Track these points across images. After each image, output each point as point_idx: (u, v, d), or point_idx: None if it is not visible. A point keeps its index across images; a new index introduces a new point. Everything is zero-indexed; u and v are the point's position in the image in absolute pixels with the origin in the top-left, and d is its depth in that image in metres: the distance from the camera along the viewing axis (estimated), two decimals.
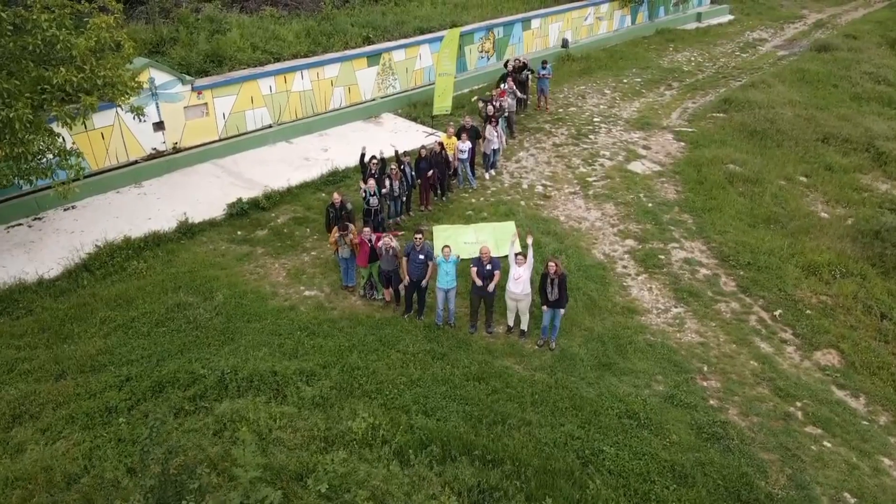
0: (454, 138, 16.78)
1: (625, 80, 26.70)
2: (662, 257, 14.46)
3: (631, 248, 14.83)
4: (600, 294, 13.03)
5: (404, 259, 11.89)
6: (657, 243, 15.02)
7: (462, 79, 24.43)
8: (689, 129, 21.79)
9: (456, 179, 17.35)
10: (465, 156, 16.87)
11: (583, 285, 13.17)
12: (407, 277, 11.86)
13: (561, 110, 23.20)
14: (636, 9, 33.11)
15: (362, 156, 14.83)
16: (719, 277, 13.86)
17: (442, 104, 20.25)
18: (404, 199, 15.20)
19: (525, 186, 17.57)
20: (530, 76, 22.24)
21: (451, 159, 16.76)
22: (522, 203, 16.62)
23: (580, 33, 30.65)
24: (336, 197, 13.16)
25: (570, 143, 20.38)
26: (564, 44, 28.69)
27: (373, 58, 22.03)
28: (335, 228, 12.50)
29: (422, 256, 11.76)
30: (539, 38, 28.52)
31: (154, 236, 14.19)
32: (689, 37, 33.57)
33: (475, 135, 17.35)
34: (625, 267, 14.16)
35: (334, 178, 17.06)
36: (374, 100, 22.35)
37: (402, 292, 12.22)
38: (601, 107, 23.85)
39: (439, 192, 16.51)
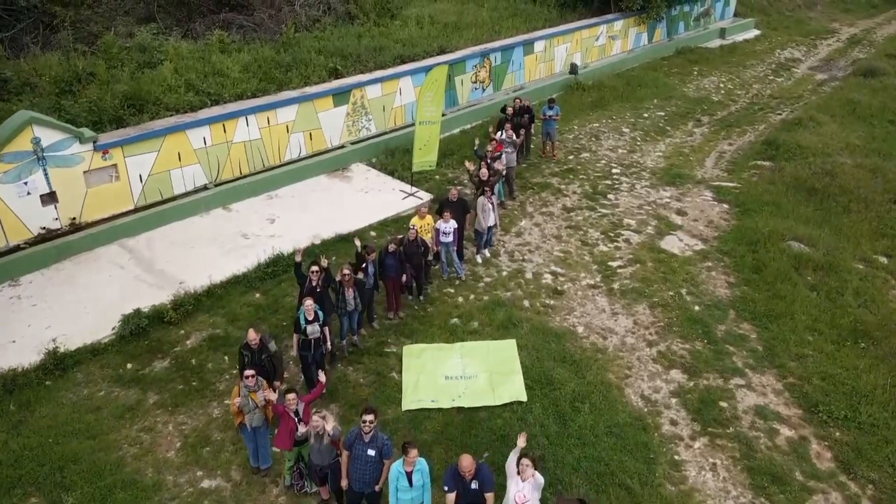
0: (430, 217, 12.64)
1: (645, 115, 22.53)
2: (725, 405, 10.26)
3: (679, 387, 10.63)
4: (643, 481, 8.83)
5: (345, 453, 7.72)
6: (714, 377, 10.82)
7: (451, 116, 20.26)
8: (731, 184, 17.61)
9: (439, 265, 13.21)
10: (450, 238, 12.72)
11: (616, 465, 8.98)
12: (346, 482, 7.70)
13: (571, 157, 19.03)
14: (654, 25, 28.95)
15: (297, 265, 10.58)
16: (808, 444, 9.66)
17: (424, 158, 16.07)
18: (362, 311, 11.03)
19: (529, 275, 13.40)
20: (533, 120, 18.09)
21: (431, 244, 12.64)
22: (526, 303, 12.46)
23: (591, 55, 26.49)
24: (251, 336, 8.97)
25: (585, 206, 16.21)
26: (573, 69, 24.52)
27: (341, 95, 17.86)
28: (237, 386, 8.37)
29: (371, 452, 7.60)
30: (543, 63, 24.35)
31: (7, 378, 10.01)
32: (714, 57, 29.40)
33: (462, 209, 13.21)
34: (674, 423, 9.95)
35: (275, 270, 12.86)
36: (342, 147, 18.19)
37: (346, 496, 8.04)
38: (620, 151, 19.68)
39: (415, 289, 12.38)
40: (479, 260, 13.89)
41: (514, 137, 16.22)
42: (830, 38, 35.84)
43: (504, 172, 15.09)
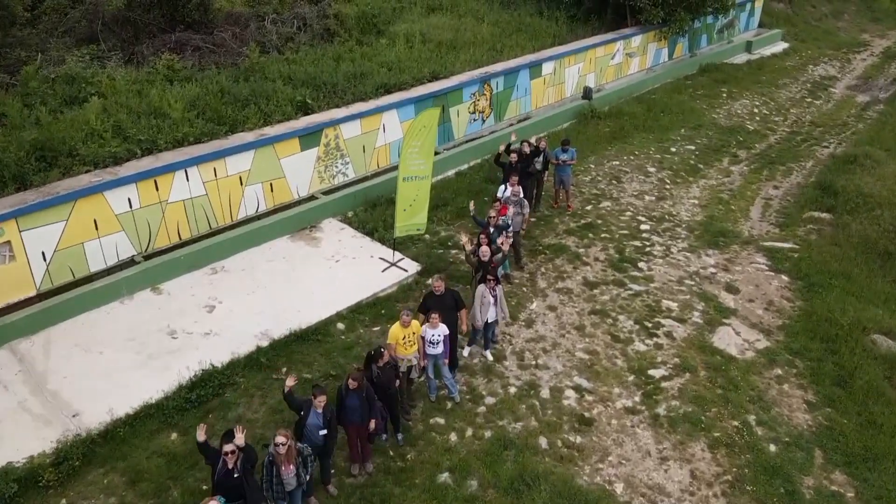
0: (415, 323, 9.40)
1: (673, 149, 19.28)
2: None
3: None
4: None
5: None
6: None
7: (445, 156, 17.01)
8: (787, 246, 14.37)
9: (424, 378, 9.98)
10: (439, 349, 9.49)
11: None
12: None
13: (589, 207, 15.80)
14: (675, 40, 25.71)
15: (225, 435, 7.25)
16: None
17: (410, 221, 12.81)
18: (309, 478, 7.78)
19: (545, 392, 10.16)
20: (544, 163, 14.86)
21: (417, 361, 9.42)
22: (544, 442, 9.22)
23: (606, 75, 23.26)
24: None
25: (611, 280, 12.97)
26: (587, 94, 21.27)
27: (310, 136, 14.64)
28: None
29: None
30: (552, 86, 21.11)
31: None
32: (742, 75, 26.14)
33: (454, 305, 9.98)
34: None
35: (202, 394, 9.58)
36: (312, 197, 14.97)
37: None
38: (647, 198, 16.44)
39: (389, 428, 9.15)
40: (466, 353, 10.70)
41: (522, 194, 12.98)
42: (863, 51, 32.63)
43: (508, 249, 11.81)
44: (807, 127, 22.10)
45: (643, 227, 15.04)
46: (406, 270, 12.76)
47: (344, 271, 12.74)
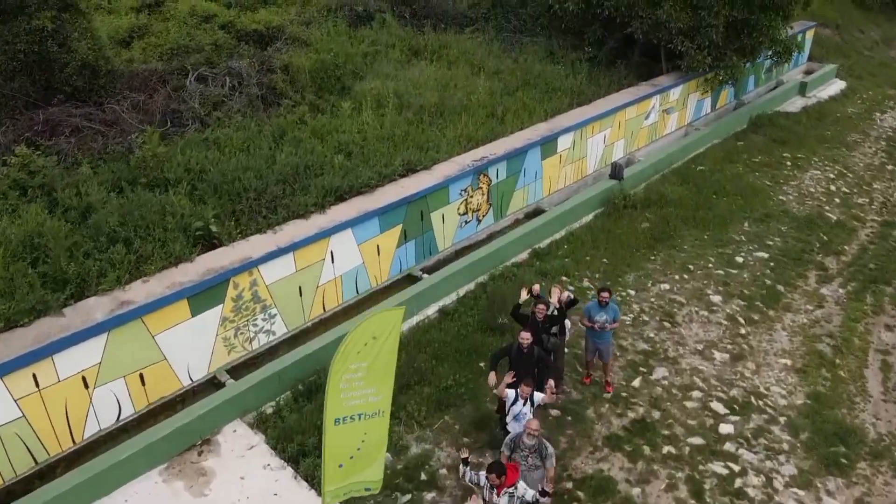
0: None
1: (739, 258, 14.08)
2: None
3: None
4: None
5: None
6: None
7: (421, 289, 11.81)
8: None
9: None
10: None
11: None
12: None
13: (637, 382, 10.60)
14: (720, 87, 20.50)
15: None
16: None
17: (351, 481, 7.49)
18: None
19: None
20: (562, 327, 9.63)
21: None
22: None
23: (638, 140, 18.08)
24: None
25: None
26: (616, 172, 16.06)
27: (206, 294, 9.46)
28: None
29: None
30: (570, 164, 15.94)
31: None
32: (803, 131, 20.91)
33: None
34: None
35: None
36: (214, 382, 9.78)
37: None
38: (717, 356, 11.25)
39: None
40: None
41: (534, 400, 7.83)
42: None
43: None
44: None
45: (723, 427, 9.82)
46: None
47: None
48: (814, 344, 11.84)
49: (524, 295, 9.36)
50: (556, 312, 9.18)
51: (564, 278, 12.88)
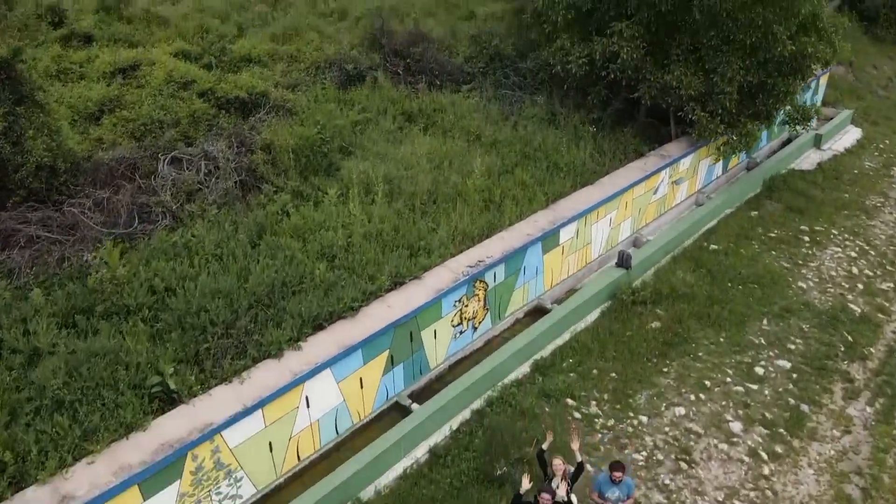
0: None
1: (759, 370, 12.91)
2: None
3: None
4: None
5: None
6: None
7: (408, 428, 10.63)
8: None
9: None
10: None
11: None
12: None
13: None
14: (730, 147, 19.17)
15: None
16: None
17: None
18: None
19: None
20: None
21: None
22: None
23: (646, 215, 16.90)
24: None
25: None
26: (623, 261, 14.88)
27: (160, 475, 8.27)
28: None
29: None
30: (573, 253, 14.76)
31: None
32: (820, 195, 19.73)
33: None
34: None
35: None
36: None
37: None
38: None
39: None
40: None
41: None
42: None
43: None
44: None
45: None
46: None
47: None
48: (841, 485, 10.67)
49: (525, 484, 8.20)
50: (563, 501, 8.02)
51: (570, 401, 11.72)
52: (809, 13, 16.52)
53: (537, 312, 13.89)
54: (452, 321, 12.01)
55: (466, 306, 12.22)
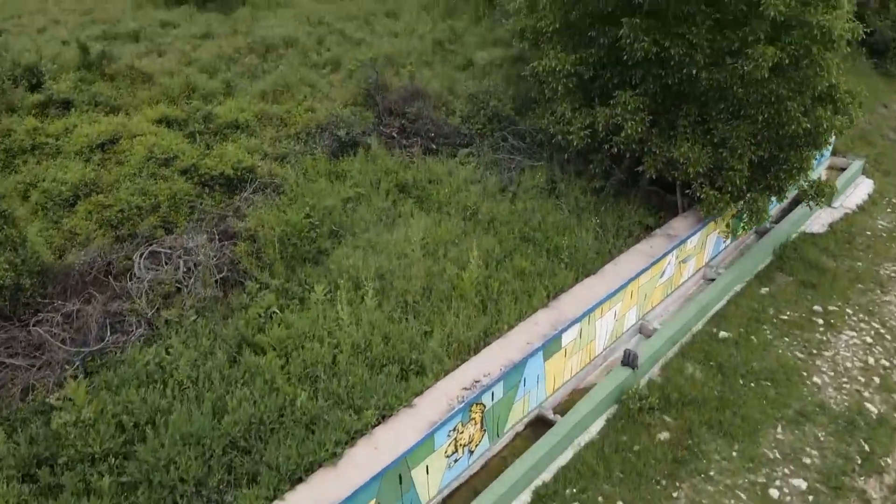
0: None
1: (774, 492, 12.11)
2: None
3: None
4: None
5: None
6: None
7: None
8: None
9: None
10: None
11: None
12: None
13: None
14: (738, 220, 18.31)
15: None
16: None
17: None
18: None
19: None
20: None
21: None
22: None
23: (651, 300, 16.07)
24: None
25: None
26: (629, 360, 14.06)
27: None
28: None
29: None
30: (576, 354, 13.93)
31: None
32: (833, 265, 18.90)
33: None
34: None
35: None
36: None
37: None
38: None
39: None
40: None
41: None
42: None
43: None
44: None
45: None
46: None
47: None
48: None
49: None
50: None
51: None
52: (826, 87, 15.70)
53: (539, 422, 13.06)
54: (446, 452, 11.18)
55: (462, 433, 11.40)
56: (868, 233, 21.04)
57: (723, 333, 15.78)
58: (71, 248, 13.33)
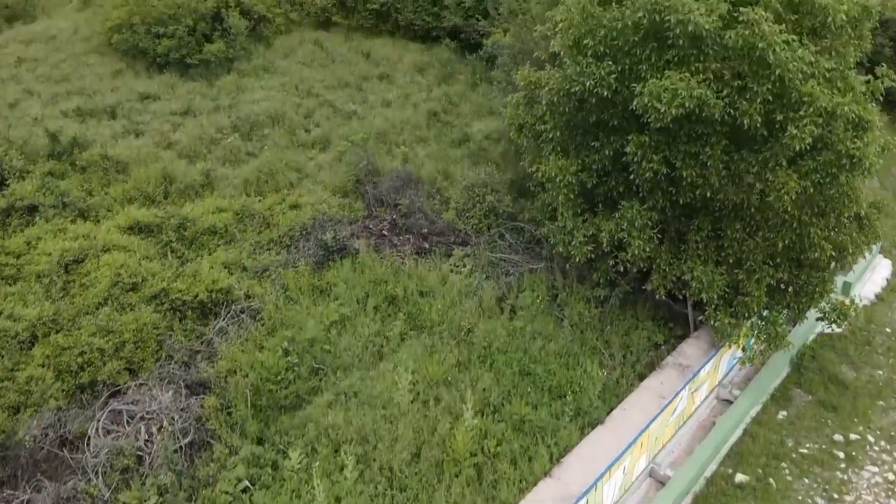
0: None
1: None
2: None
3: None
4: None
5: None
6: None
7: None
8: None
9: None
10: None
11: None
12: None
13: None
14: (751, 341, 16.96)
15: None
16: None
17: None
18: None
19: None
20: None
21: None
22: None
23: (662, 439, 14.80)
24: None
25: None
26: None
27: None
28: None
29: None
30: None
31: None
32: (852, 378, 17.62)
33: None
34: None
35: None
36: None
37: None
38: None
39: None
40: None
41: None
42: None
43: None
44: None
45: None
46: None
47: None
48: None
49: None
50: None
51: None
52: (854, 213, 14.45)
53: None
54: None
55: None
56: (888, 330, 19.77)
57: (739, 477, 14.51)
58: (25, 409, 12.10)
